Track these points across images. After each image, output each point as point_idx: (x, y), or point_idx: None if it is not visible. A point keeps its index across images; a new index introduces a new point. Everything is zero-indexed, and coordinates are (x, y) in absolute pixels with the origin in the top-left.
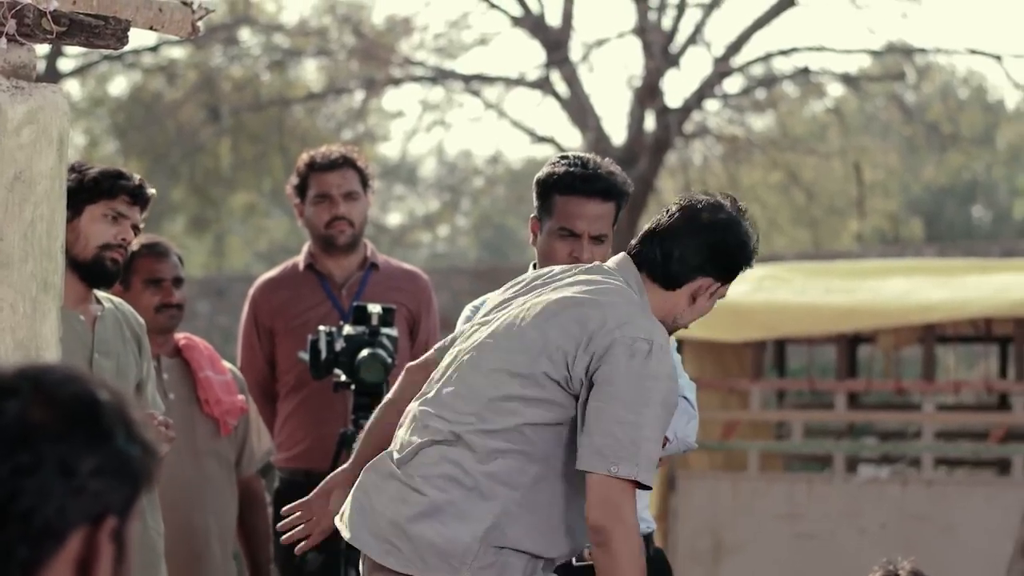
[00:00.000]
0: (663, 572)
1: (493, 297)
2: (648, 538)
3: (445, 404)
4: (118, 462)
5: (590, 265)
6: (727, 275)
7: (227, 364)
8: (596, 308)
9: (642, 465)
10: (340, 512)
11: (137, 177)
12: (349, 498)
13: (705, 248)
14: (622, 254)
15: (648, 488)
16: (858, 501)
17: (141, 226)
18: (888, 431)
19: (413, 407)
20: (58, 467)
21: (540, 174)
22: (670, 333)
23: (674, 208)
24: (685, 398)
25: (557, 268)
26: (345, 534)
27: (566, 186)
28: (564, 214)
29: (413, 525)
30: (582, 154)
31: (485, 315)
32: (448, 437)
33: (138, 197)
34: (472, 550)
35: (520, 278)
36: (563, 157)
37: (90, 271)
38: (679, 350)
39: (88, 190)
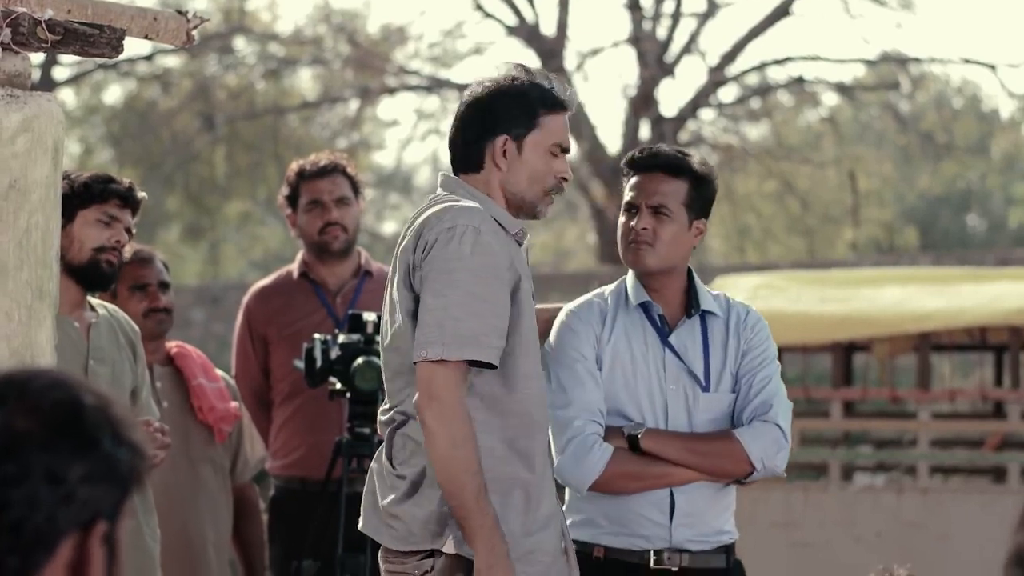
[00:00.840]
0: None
1: None
2: (729, 548)
3: (388, 392)
4: (106, 466)
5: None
6: (522, 120)
7: (219, 372)
8: (425, 222)
9: (449, 344)
10: None
11: (127, 181)
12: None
13: (478, 113)
14: (443, 175)
15: (490, 366)
16: (854, 509)
17: (134, 230)
18: (884, 439)
19: None
20: (45, 476)
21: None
22: (531, 213)
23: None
24: (778, 426)
25: None
26: (360, 524)
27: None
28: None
29: (400, 506)
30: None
31: None
32: (398, 418)
33: (129, 200)
34: (446, 513)
35: None
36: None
37: (86, 274)
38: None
39: (79, 195)
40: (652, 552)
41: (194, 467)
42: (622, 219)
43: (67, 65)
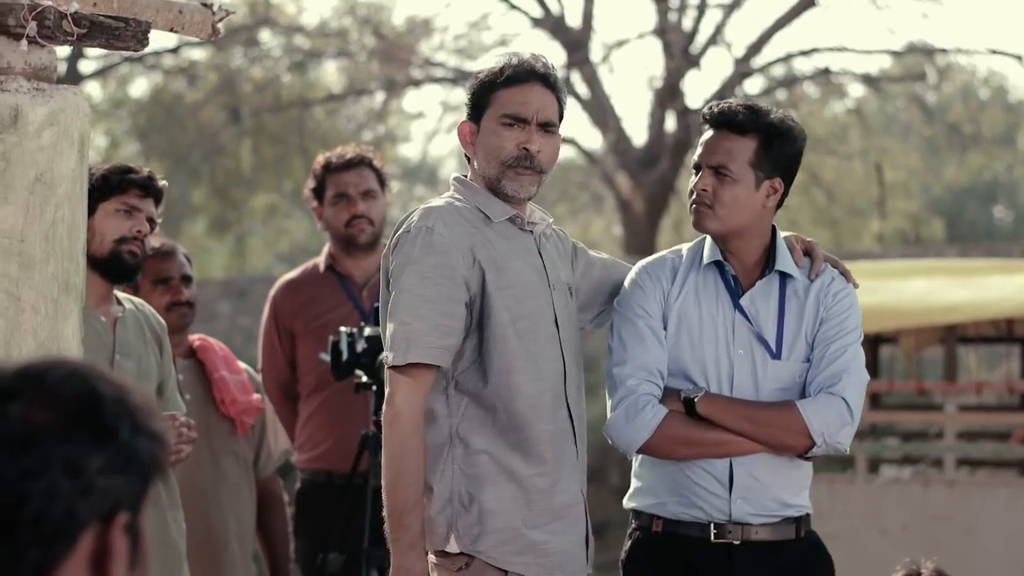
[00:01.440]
0: (820, 558)
1: None
2: (800, 520)
3: None
4: (125, 456)
5: None
6: (479, 102)
7: (242, 364)
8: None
9: (396, 349)
10: None
11: (146, 170)
12: None
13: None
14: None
15: (435, 365)
16: (880, 502)
17: (157, 220)
18: (910, 431)
19: None
20: (65, 468)
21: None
22: (501, 192)
23: None
24: (844, 400)
25: None
26: None
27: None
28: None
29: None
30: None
31: None
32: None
33: (149, 189)
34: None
35: None
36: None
37: (109, 266)
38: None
39: (98, 188)
40: (713, 526)
41: (216, 460)
42: (693, 178)
43: (93, 58)
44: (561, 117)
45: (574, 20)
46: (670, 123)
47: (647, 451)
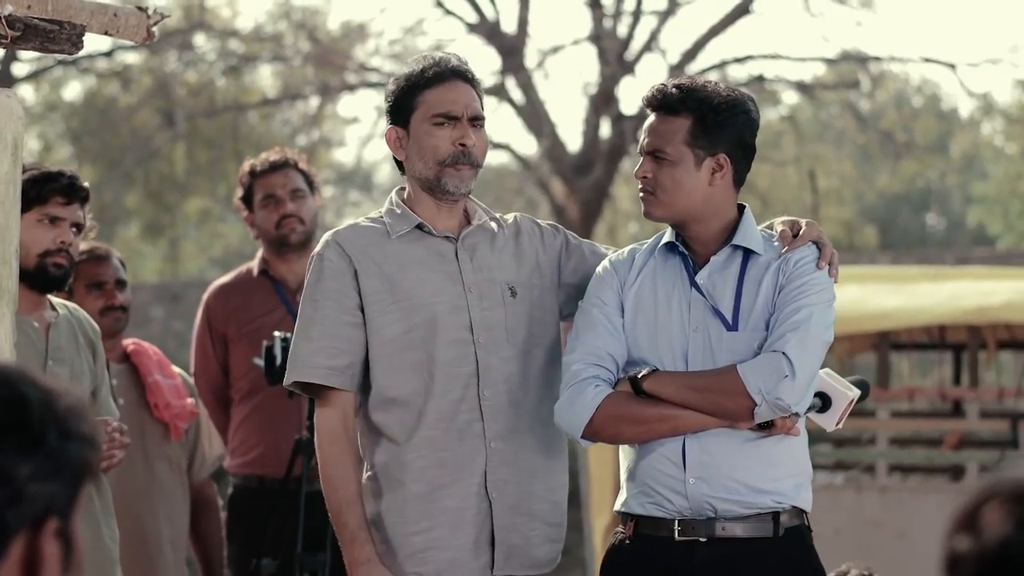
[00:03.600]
0: (804, 565)
1: None
2: (778, 516)
3: None
4: (54, 462)
5: None
6: (402, 106)
7: (176, 368)
8: None
9: (290, 370)
10: None
11: (68, 173)
12: None
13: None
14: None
15: (332, 385)
16: (812, 507)
17: (85, 223)
18: (842, 438)
19: None
20: None
21: None
22: (441, 190)
23: None
24: (784, 355)
25: None
26: None
27: None
28: None
29: None
30: None
31: None
32: None
33: (72, 194)
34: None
35: None
36: None
37: (35, 279)
38: None
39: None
40: (677, 523)
41: (149, 464)
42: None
43: (26, 61)
44: (482, 108)
45: (509, 26)
46: (605, 129)
47: (592, 434)
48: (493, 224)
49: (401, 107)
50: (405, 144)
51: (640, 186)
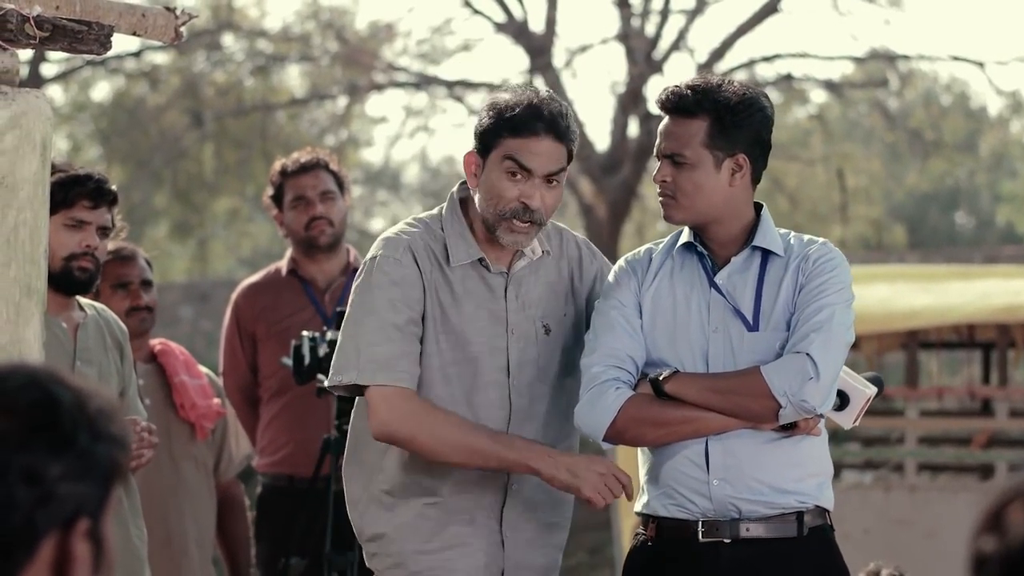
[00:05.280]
0: (828, 564)
1: None
2: (802, 515)
3: None
4: (84, 463)
5: None
6: (488, 137)
7: (203, 368)
8: None
9: (364, 369)
10: None
11: (96, 176)
12: None
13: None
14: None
15: (401, 386)
16: (841, 506)
17: (112, 226)
18: (871, 437)
19: None
20: (22, 477)
21: None
22: (494, 235)
23: None
24: (808, 356)
25: None
26: None
27: None
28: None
29: None
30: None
31: None
32: None
33: (98, 198)
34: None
35: None
36: None
37: (61, 282)
38: None
39: None
40: (701, 524)
41: (176, 464)
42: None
43: (55, 62)
44: (570, 159)
45: (537, 25)
46: (633, 128)
47: (615, 437)
48: (540, 250)
49: (483, 138)
50: (479, 174)
51: (659, 190)
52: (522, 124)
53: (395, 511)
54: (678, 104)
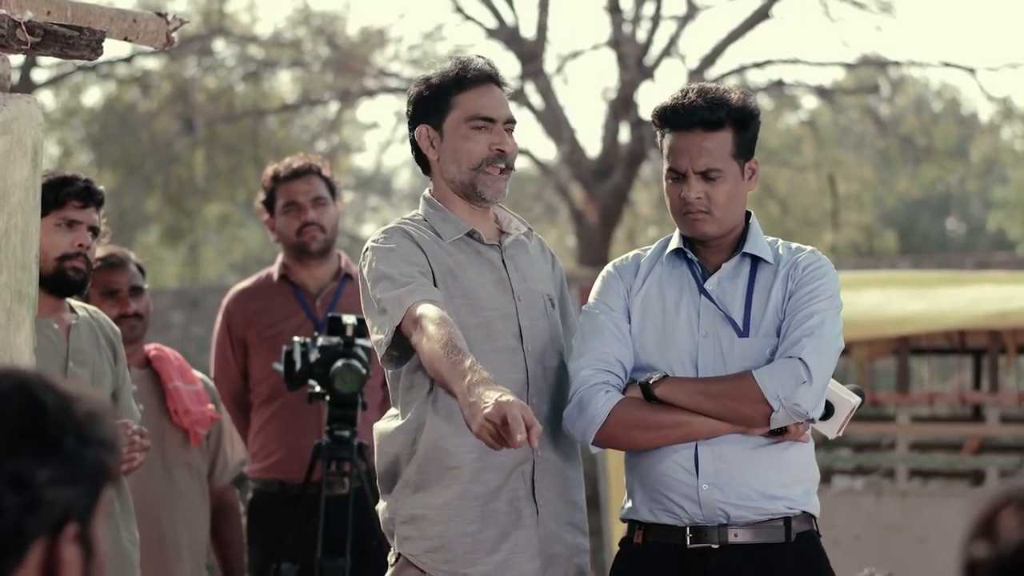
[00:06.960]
0: (815, 569)
1: None
2: (791, 521)
3: None
4: (72, 468)
5: None
6: (435, 106)
7: (198, 374)
8: None
9: (393, 312)
10: None
11: (83, 177)
12: None
13: (408, 115)
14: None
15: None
16: (832, 512)
17: (100, 227)
18: (862, 442)
19: None
20: (9, 482)
21: None
22: (475, 195)
23: None
24: (801, 360)
25: None
26: None
27: None
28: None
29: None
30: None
31: None
32: None
33: (87, 198)
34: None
35: None
36: None
37: (55, 283)
38: None
39: None
40: (689, 529)
41: (169, 470)
42: (669, 184)
43: (46, 67)
44: None
45: (528, 31)
46: (624, 134)
47: (604, 441)
48: (523, 234)
49: (434, 107)
50: (437, 145)
51: (687, 208)
52: (471, 79)
53: (430, 491)
54: (704, 117)
